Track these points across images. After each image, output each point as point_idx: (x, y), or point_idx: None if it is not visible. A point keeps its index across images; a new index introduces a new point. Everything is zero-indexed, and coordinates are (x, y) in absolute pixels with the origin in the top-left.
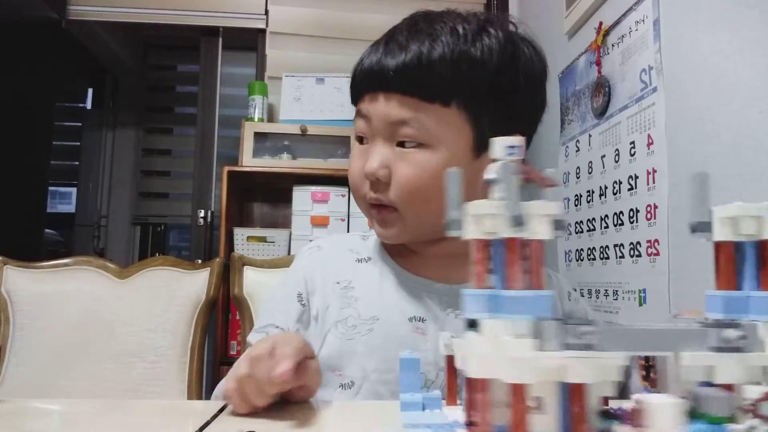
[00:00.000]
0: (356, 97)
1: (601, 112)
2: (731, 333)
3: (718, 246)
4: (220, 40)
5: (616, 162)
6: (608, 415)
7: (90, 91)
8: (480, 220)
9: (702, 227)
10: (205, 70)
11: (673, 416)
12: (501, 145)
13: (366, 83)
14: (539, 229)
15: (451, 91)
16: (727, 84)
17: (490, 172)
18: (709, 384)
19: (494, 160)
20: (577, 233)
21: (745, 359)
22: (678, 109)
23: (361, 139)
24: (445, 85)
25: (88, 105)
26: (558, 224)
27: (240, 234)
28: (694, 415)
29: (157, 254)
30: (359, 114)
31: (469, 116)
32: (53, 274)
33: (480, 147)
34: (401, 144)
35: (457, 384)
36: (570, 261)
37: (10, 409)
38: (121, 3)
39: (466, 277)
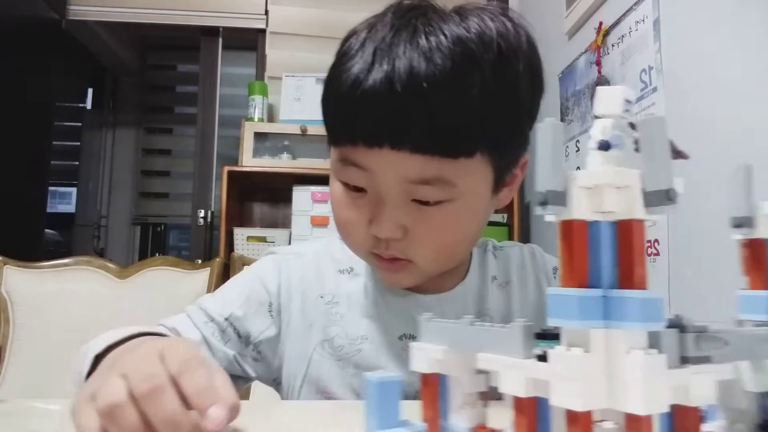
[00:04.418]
0: (343, 139)
1: None
2: None
3: (759, 243)
4: (220, 40)
5: None
6: None
7: (90, 91)
8: (599, 194)
9: (746, 222)
10: (205, 70)
11: None
12: (619, 98)
13: (367, 134)
14: None
15: (479, 142)
16: (727, 84)
17: (605, 132)
18: None
19: (597, 117)
20: None
21: None
22: (678, 109)
23: (353, 186)
24: (474, 138)
25: (88, 105)
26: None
27: (240, 234)
28: None
29: (157, 254)
30: (351, 163)
31: (492, 158)
32: (53, 274)
33: (498, 183)
34: (418, 200)
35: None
36: None
37: (10, 409)
38: (121, 3)
39: (452, 284)
